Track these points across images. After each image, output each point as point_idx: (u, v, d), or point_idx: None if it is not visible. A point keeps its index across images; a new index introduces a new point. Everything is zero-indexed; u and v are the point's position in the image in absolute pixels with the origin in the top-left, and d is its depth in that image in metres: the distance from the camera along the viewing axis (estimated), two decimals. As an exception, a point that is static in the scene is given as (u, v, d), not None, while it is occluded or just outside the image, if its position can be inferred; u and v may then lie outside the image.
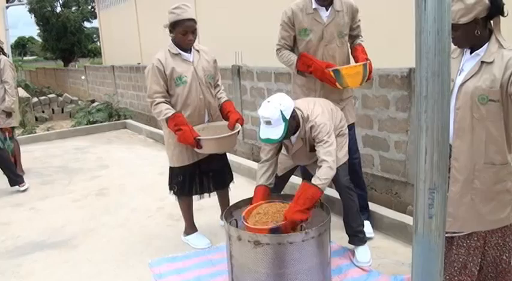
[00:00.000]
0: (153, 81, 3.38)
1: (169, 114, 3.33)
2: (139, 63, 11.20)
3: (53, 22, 23.49)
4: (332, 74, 3.25)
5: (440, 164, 1.19)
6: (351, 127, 3.64)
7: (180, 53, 3.45)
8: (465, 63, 2.25)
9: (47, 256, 3.79)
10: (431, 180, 1.19)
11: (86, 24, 26.61)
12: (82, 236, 4.15)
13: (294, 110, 2.97)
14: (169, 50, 3.44)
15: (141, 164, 6.63)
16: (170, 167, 3.69)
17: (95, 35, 27.67)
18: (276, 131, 2.86)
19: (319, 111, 3.09)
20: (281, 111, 2.83)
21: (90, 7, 25.07)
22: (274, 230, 2.76)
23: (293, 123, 2.99)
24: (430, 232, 1.23)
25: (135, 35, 12.49)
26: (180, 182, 3.65)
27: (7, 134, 5.76)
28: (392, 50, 4.07)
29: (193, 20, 3.38)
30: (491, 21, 2.18)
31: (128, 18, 12.96)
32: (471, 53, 2.24)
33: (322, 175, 2.89)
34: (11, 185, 5.56)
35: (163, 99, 3.39)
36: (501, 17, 2.17)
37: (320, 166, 2.94)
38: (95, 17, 21.59)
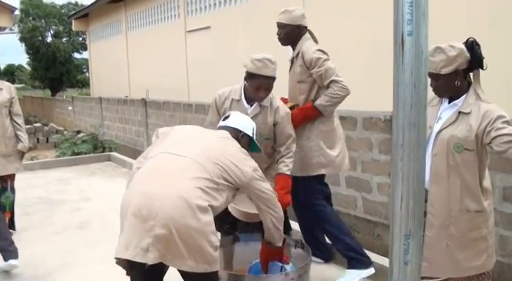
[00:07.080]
0: (211, 111, 3.38)
1: None
2: (127, 96, 11.23)
3: (43, 51, 23.54)
4: None
5: (415, 210, 1.22)
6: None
7: (240, 100, 3.21)
8: (443, 112, 2.33)
9: (24, 290, 3.73)
10: (406, 226, 1.21)
11: (76, 55, 26.78)
12: (61, 270, 4.06)
13: None
14: (234, 92, 3.26)
15: (124, 197, 6.55)
16: None
17: (84, 66, 27.78)
18: None
19: None
20: None
21: (80, 39, 25.25)
22: None
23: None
24: (406, 278, 1.24)
25: (124, 68, 12.56)
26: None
27: (9, 182, 4.74)
28: (377, 94, 4.16)
29: (271, 78, 3.08)
30: (471, 74, 2.27)
31: (118, 51, 13.06)
32: (449, 102, 2.32)
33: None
34: (5, 260, 3.90)
35: None
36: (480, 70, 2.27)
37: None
38: (85, 49, 21.71)
